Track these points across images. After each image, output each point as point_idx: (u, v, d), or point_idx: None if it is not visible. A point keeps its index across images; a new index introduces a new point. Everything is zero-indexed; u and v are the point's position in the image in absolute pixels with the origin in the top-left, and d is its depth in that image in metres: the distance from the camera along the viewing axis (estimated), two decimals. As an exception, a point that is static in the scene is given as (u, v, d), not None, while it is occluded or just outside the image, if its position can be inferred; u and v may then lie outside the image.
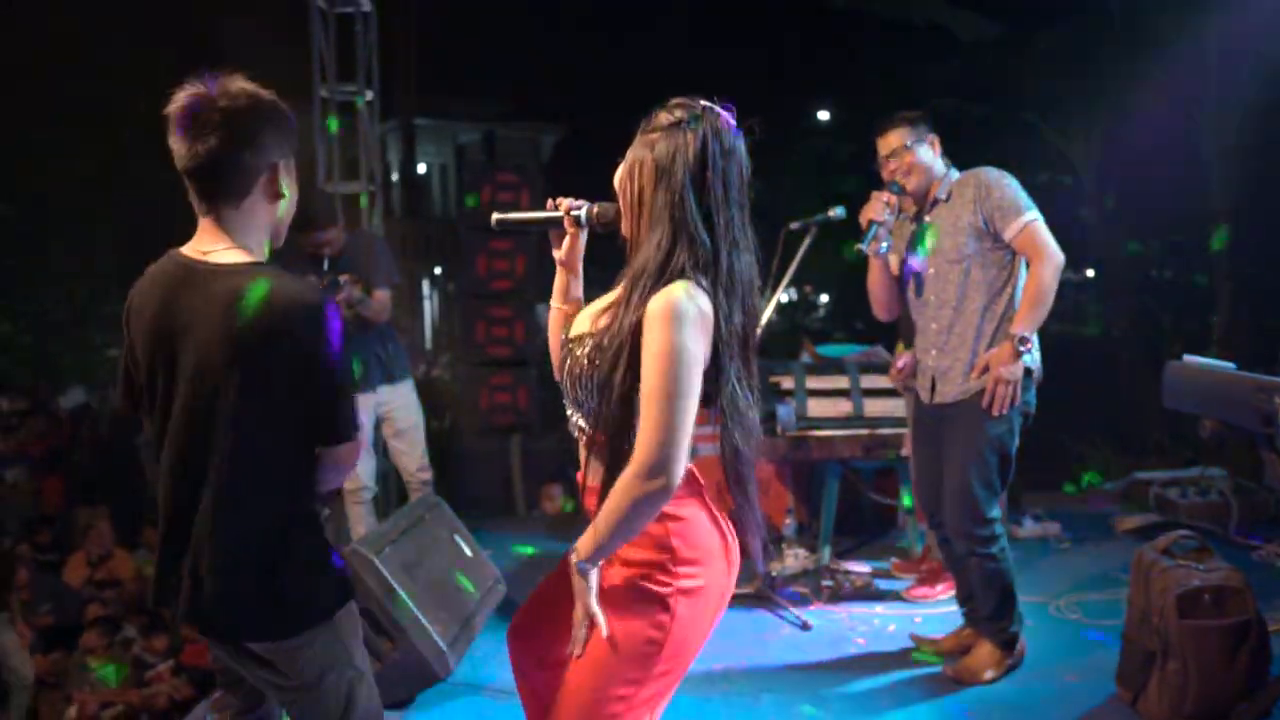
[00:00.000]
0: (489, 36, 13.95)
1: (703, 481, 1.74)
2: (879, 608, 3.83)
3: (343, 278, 3.63)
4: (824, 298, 23.14)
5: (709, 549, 1.71)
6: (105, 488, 8.24)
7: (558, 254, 1.95)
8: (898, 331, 4.11)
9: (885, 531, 4.79)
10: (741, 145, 1.73)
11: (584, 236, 1.93)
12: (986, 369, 2.94)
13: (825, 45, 13.37)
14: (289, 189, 1.70)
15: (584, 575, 1.66)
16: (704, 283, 1.65)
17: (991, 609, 3.12)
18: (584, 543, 1.67)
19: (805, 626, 3.64)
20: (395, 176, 21.44)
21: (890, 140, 3.11)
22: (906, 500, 4.46)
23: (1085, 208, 10.08)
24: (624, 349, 1.65)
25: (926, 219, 3.12)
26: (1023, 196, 2.94)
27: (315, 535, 1.71)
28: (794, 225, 3.90)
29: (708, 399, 1.68)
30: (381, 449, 4.54)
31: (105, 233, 12.64)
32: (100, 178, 11.55)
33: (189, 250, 1.67)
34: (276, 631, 1.63)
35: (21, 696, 5.41)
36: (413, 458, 4.26)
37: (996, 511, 3.05)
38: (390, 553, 3.15)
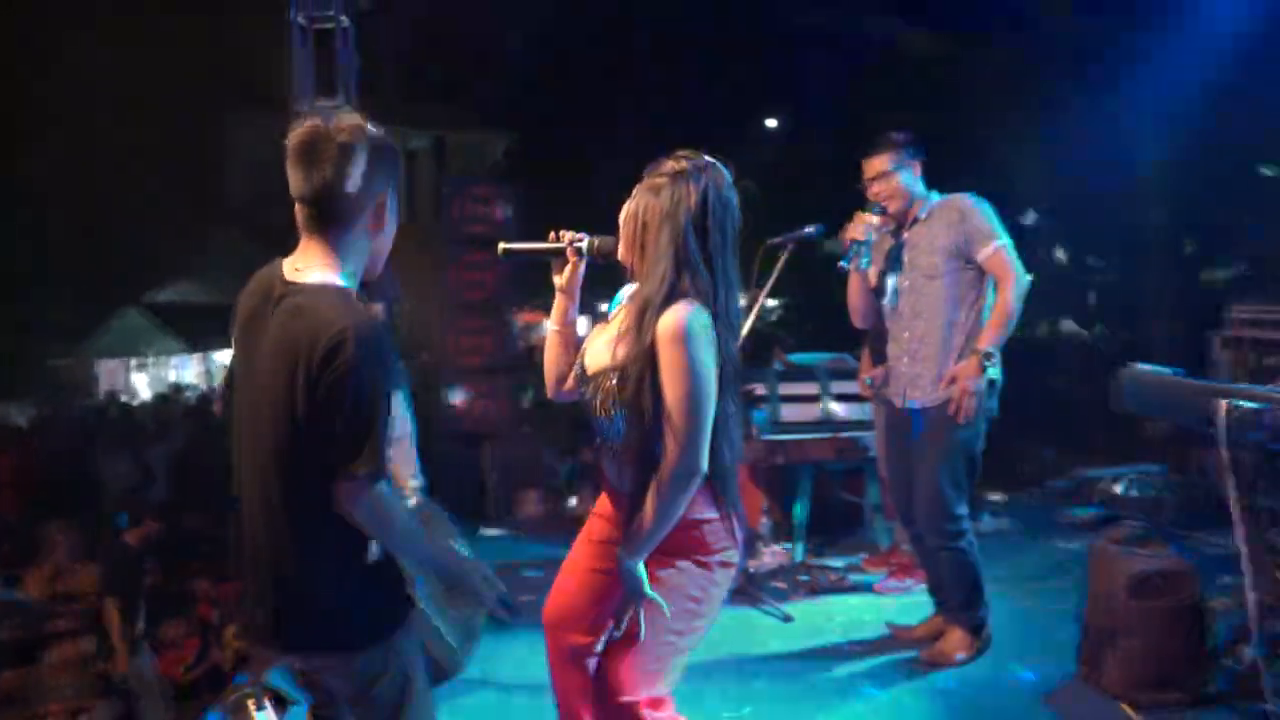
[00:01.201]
0: (436, 41, 13.96)
1: None
2: (854, 600, 4.09)
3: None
4: (772, 302, 23.56)
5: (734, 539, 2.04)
6: (63, 500, 8.14)
7: (558, 281, 2.17)
8: (863, 342, 4.38)
9: (853, 529, 5.04)
10: (735, 199, 1.99)
11: (583, 266, 2.16)
12: (954, 380, 3.20)
13: (776, 59, 13.68)
14: (391, 221, 1.78)
15: (634, 571, 1.92)
16: (705, 311, 1.91)
17: (961, 598, 3.38)
18: (632, 542, 1.93)
19: (787, 619, 3.87)
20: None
21: (875, 164, 3.36)
22: (874, 498, 4.73)
23: (1026, 217, 10.54)
24: (645, 371, 1.91)
25: (905, 236, 3.37)
26: (996, 223, 3.21)
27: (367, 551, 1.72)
28: (772, 241, 4.13)
29: None
30: None
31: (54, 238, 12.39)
32: (54, 186, 11.35)
33: (287, 262, 1.75)
34: (352, 643, 1.70)
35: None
36: (406, 466, 4.38)
37: (965, 509, 3.32)
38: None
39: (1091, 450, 6.50)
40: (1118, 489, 5.14)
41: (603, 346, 2.04)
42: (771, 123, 18.15)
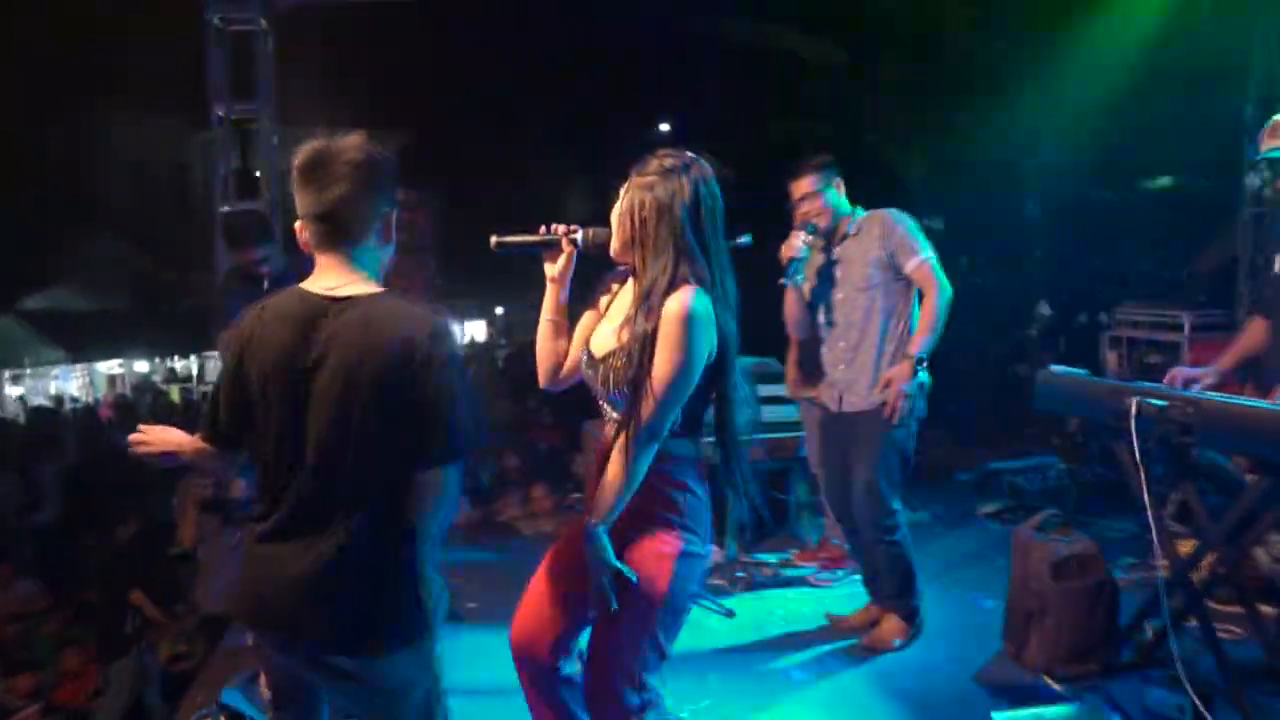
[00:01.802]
0: (333, 42, 13.69)
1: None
2: (790, 593, 4.28)
3: None
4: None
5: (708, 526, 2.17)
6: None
7: (551, 270, 2.26)
8: (789, 348, 4.56)
9: (780, 525, 5.25)
10: (719, 189, 2.12)
11: (576, 256, 2.26)
12: (889, 384, 3.42)
13: (677, 64, 13.94)
14: (395, 235, 1.87)
15: (599, 537, 2.03)
16: (706, 295, 2.05)
17: (896, 587, 3.61)
18: (596, 508, 2.05)
19: (729, 614, 4.03)
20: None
21: (801, 185, 3.55)
22: (802, 496, 4.95)
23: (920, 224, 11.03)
24: (646, 350, 2.04)
25: (836, 251, 3.58)
26: (920, 237, 3.45)
27: (415, 553, 1.79)
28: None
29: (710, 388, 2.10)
30: None
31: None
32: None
33: (313, 287, 1.80)
34: (383, 646, 1.76)
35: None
36: None
37: (899, 504, 3.54)
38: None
39: (987, 443, 6.90)
40: (1021, 480, 5.50)
41: (609, 332, 2.16)
42: (665, 127, 18.48)
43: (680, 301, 2.00)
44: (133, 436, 1.98)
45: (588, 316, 2.29)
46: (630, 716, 2.08)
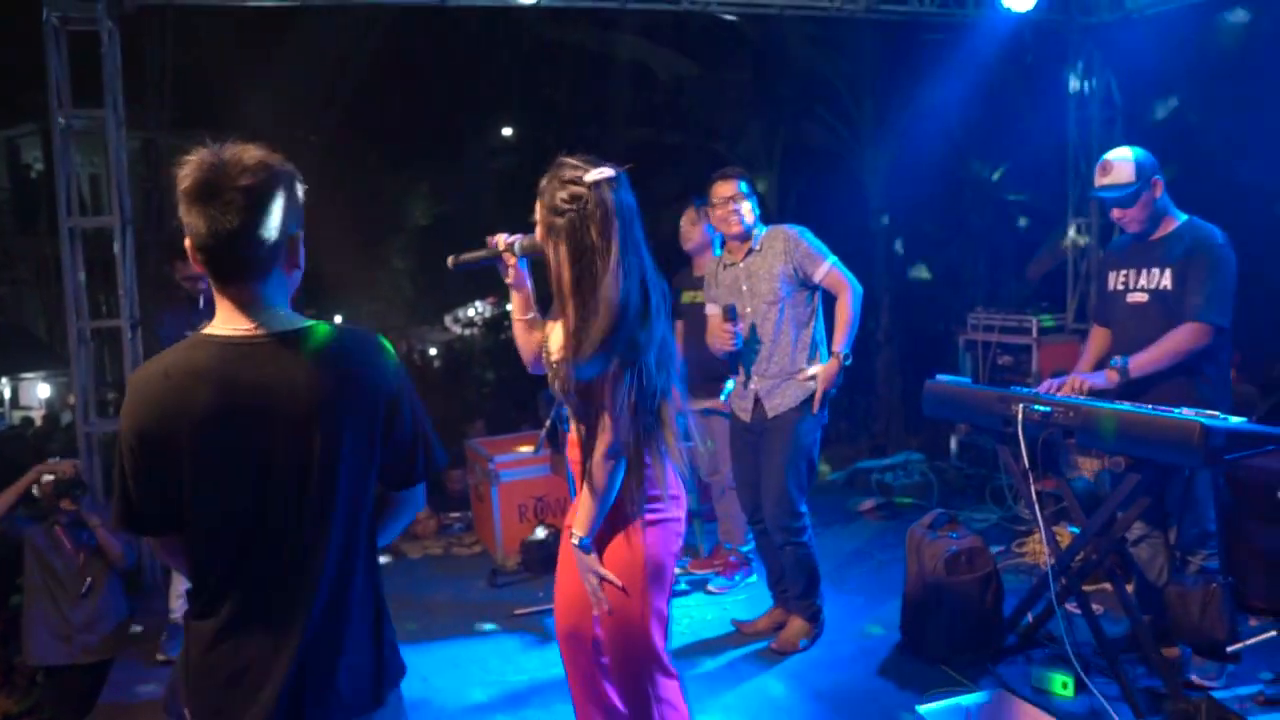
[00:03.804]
0: (150, 41, 12.82)
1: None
2: (691, 601, 4.38)
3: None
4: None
5: (671, 491, 2.31)
6: None
7: (507, 279, 2.35)
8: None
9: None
10: (629, 196, 2.19)
11: (524, 262, 2.32)
12: (811, 379, 3.59)
13: (523, 71, 13.90)
14: (302, 259, 1.64)
15: (586, 550, 2.24)
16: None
17: (802, 588, 3.77)
18: (578, 523, 2.25)
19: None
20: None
21: (729, 187, 3.66)
22: (693, 505, 5.06)
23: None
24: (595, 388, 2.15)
25: (742, 266, 3.70)
26: (822, 245, 3.62)
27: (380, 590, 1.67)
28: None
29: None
30: None
31: None
32: None
33: (225, 329, 1.55)
34: (383, 693, 1.63)
35: None
36: None
37: (805, 507, 3.71)
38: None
39: (834, 440, 7.28)
40: (889, 478, 5.85)
41: (561, 333, 2.24)
42: (507, 131, 18.36)
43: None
44: None
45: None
46: (650, 688, 2.30)
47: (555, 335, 2.29)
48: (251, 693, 1.54)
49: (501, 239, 2.29)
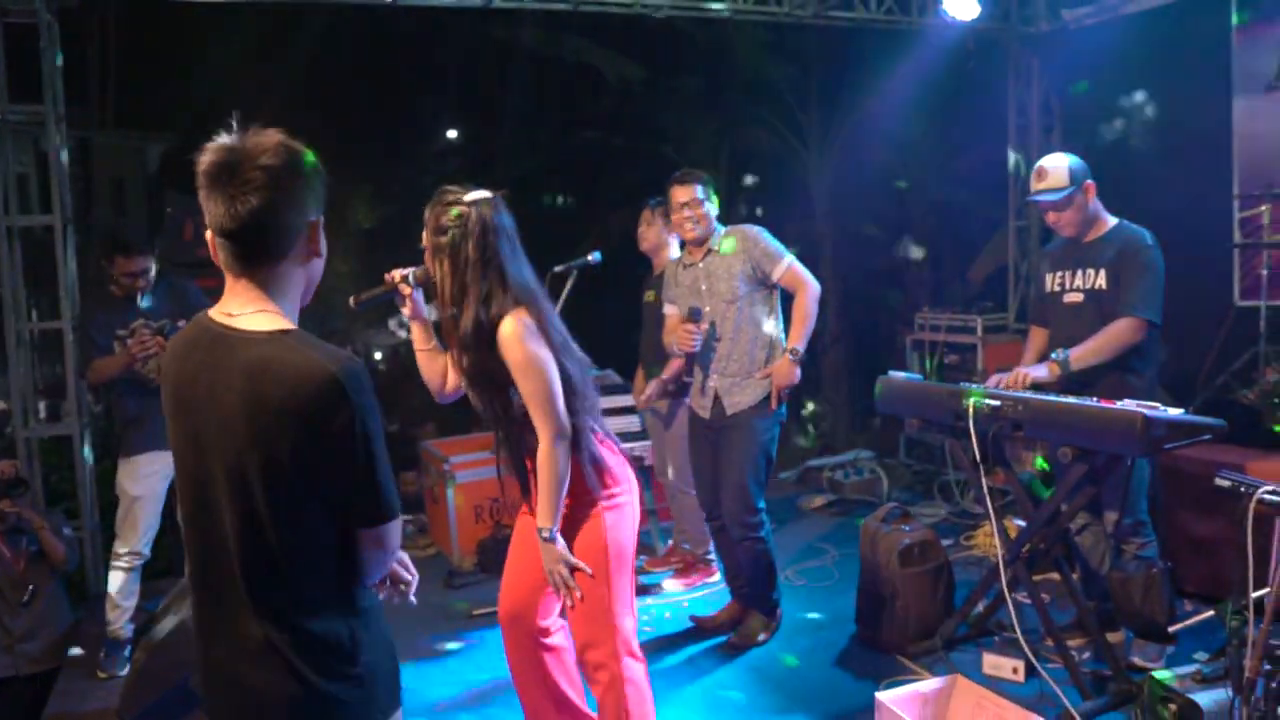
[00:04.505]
0: (87, 40, 12.48)
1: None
2: (649, 600, 4.41)
3: (179, 322, 3.42)
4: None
5: (622, 477, 2.47)
6: None
7: (405, 313, 2.51)
8: (639, 360, 4.73)
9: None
10: (507, 217, 2.39)
11: (419, 292, 2.49)
12: (768, 377, 3.64)
13: (469, 72, 13.81)
14: (324, 247, 1.61)
15: (553, 540, 2.34)
16: (525, 314, 2.29)
17: (760, 583, 3.83)
18: (541, 516, 2.34)
19: (596, 624, 4.10)
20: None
21: (687, 192, 3.70)
22: (648, 504, 5.11)
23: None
24: (492, 378, 2.33)
25: (702, 266, 3.75)
26: (779, 244, 3.68)
27: (374, 630, 1.57)
28: (557, 269, 4.35)
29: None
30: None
31: None
32: None
33: (217, 314, 1.55)
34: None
35: None
36: (142, 535, 3.99)
37: (763, 503, 3.77)
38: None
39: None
40: (839, 475, 5.95)
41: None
42: (452, 134, 18.23)
43: (508, 326, 2.26)
44: None
45: None
46: (619, 669, 2.39)
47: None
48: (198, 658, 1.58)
49: (396, 273, 2.44)
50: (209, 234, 1.54)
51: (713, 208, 3.72)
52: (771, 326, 3.72)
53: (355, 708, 1.53)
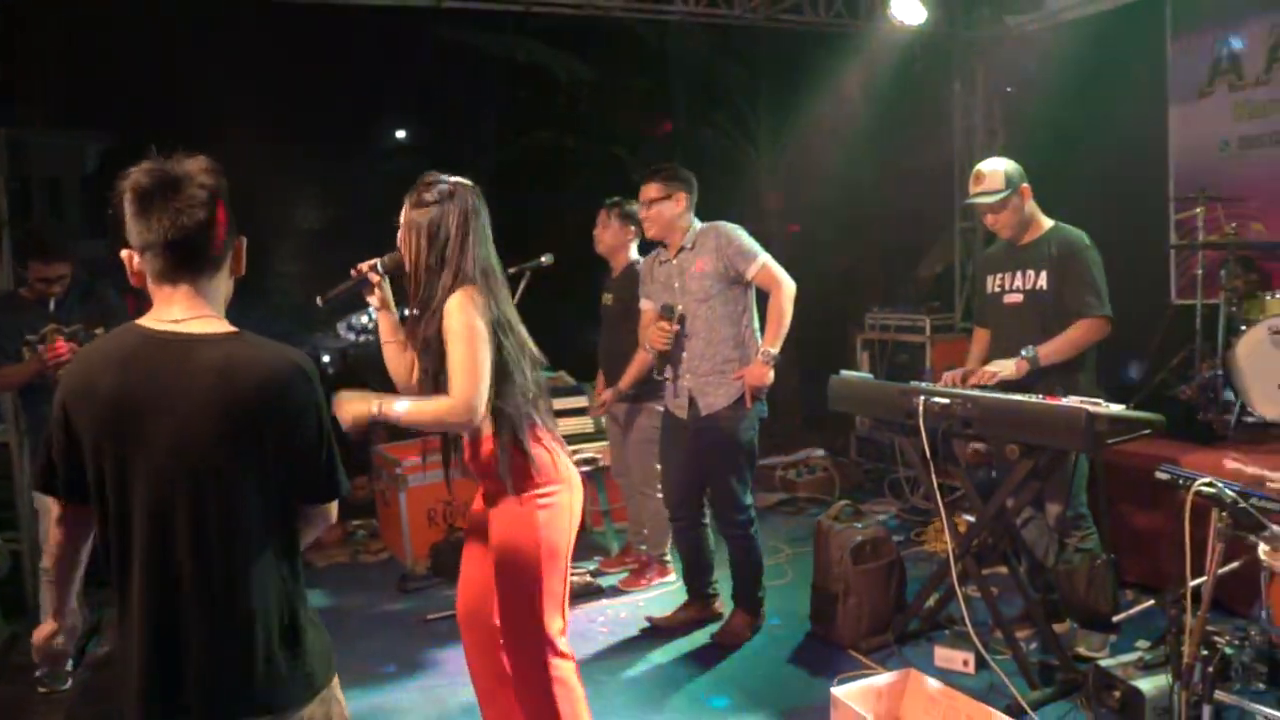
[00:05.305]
0: (21, 39, 12.15)
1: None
2: (604, 601, 4.41)
3: (96, 330, 3.32)
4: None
5: (560, 476, 2.43)
6: None
7: (374, 303, 2.51)
8: (598, 365, 4.71)
9: (579, 535, 5.35)
10: (483, 205, 2.42)
11: (387, 281, 2.52)
12: (740, 378, 3.64)
13: (419, 73, 13.71)
14: (243, 267, 1.75)
15: (378, 415, 2.28)
16: (476, 291, 2.31)
17: (746, 579, 3.85)
18: (399, 411, 2.28)
19: (552, 626, 4.09)
20: None
21: (647, 190, 3.71)
22: (603, 505, 5.10)
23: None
24: (434, 350, 2.33)
25: (674, 263, 3.75)
26: (753, 242, 3.68)
27: (304, 597, 1.71)
28: (510, 270, 4.32)
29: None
30: None
31: None
32: None
33: (152, 322, 1.61)
34: (297, 698, 1.64)
35: None
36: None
37: (749, 499, 3.78)
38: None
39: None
40: (791, 474, 6.01)
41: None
42: (401, 134, 18.05)
43: (455, 299, 2.29)
44: None
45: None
46: (546, 669, 2.37)
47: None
48: (128, 684, 1.61)
49: (364, 265, 2.46)
50: (129, 253, 1.64)
51: (675, 205, 3.71)
52: (745, 326, 3.71)
53: (301, 679, 1.66)
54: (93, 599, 3.88)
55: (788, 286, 3.64)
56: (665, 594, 4.43)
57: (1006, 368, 3.37)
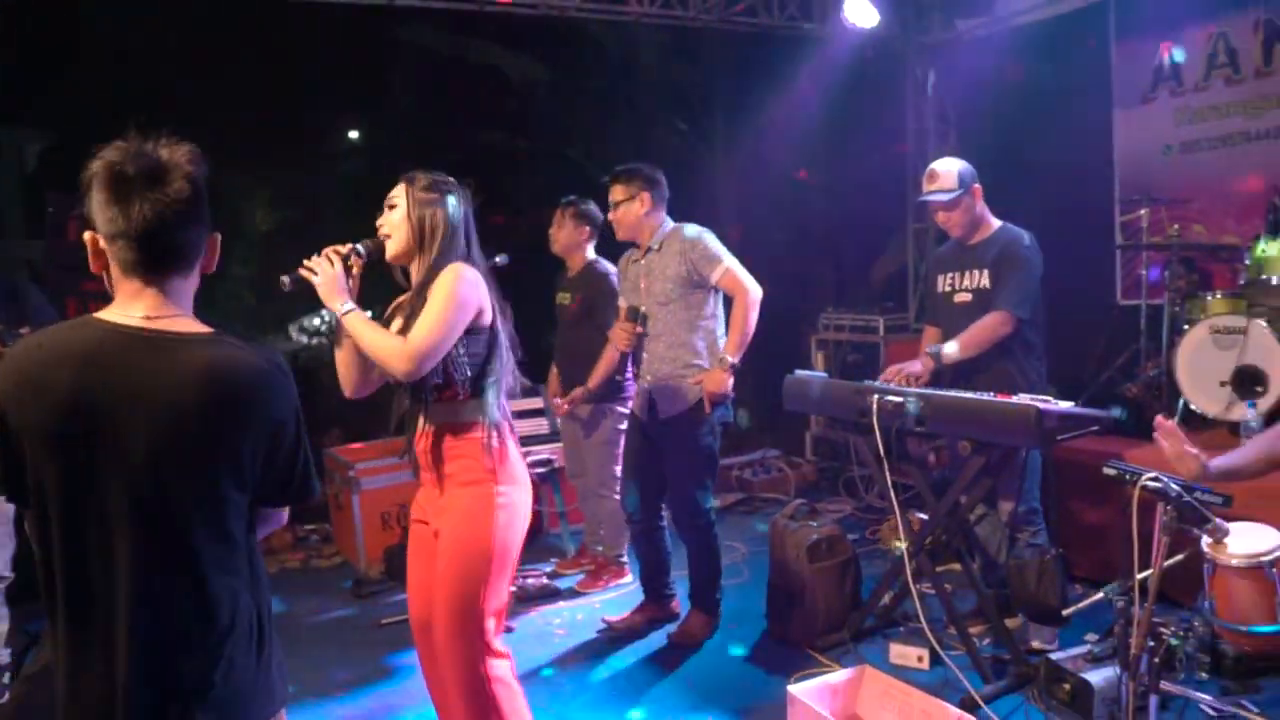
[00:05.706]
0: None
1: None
2: (561, 603, 4.38)
3: (22, 330, 3.21)
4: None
5: (520, 476, 2.43)
6: None
7: (349, 285, 2.43)
8: (554, 363, 4.68)
9: (535, 537, 5.33)
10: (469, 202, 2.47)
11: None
12: (699, 383, 3.62)
13: (371, 72, 13.50)
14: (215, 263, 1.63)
15: (343, 309, 2.32)
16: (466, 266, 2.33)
17: (704, 580, 3.85)
18: (355, 315, 2.32)
19: (508, 629, 4.05)
20: None
21: (614, 193, 3.69)
22: (559, 506, 5.07)
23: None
24: (418, 312, 2.29)
25: (642, 264, 3.74)
26: (720, 247, 3.65)
27: (269, 603, 1.63)
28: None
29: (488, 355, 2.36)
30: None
31: None
32: None
33: (117, 316, 1.50)
34: (261, 713, 1.58)
35: None
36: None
37: (710, 502, 3.78)
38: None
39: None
40: (747, 474, 6.03)
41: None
42: (354, 134, 17.79)
43: (454, 268, 2.31)
44: None
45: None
46: (484, 669, 2.33)
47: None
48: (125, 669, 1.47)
49: (340, 249, 2.39)
50: (93, 236, 1.52)
51: (639, 206, 3.69)
52: (707, 331, 3.69)
53: (261, 680, 1.58)
54: (25, 612, 3.79)
55: (753, 292, 3.61)
56: (622, 595, 4.41)
57: (913, 365, 3.44)
